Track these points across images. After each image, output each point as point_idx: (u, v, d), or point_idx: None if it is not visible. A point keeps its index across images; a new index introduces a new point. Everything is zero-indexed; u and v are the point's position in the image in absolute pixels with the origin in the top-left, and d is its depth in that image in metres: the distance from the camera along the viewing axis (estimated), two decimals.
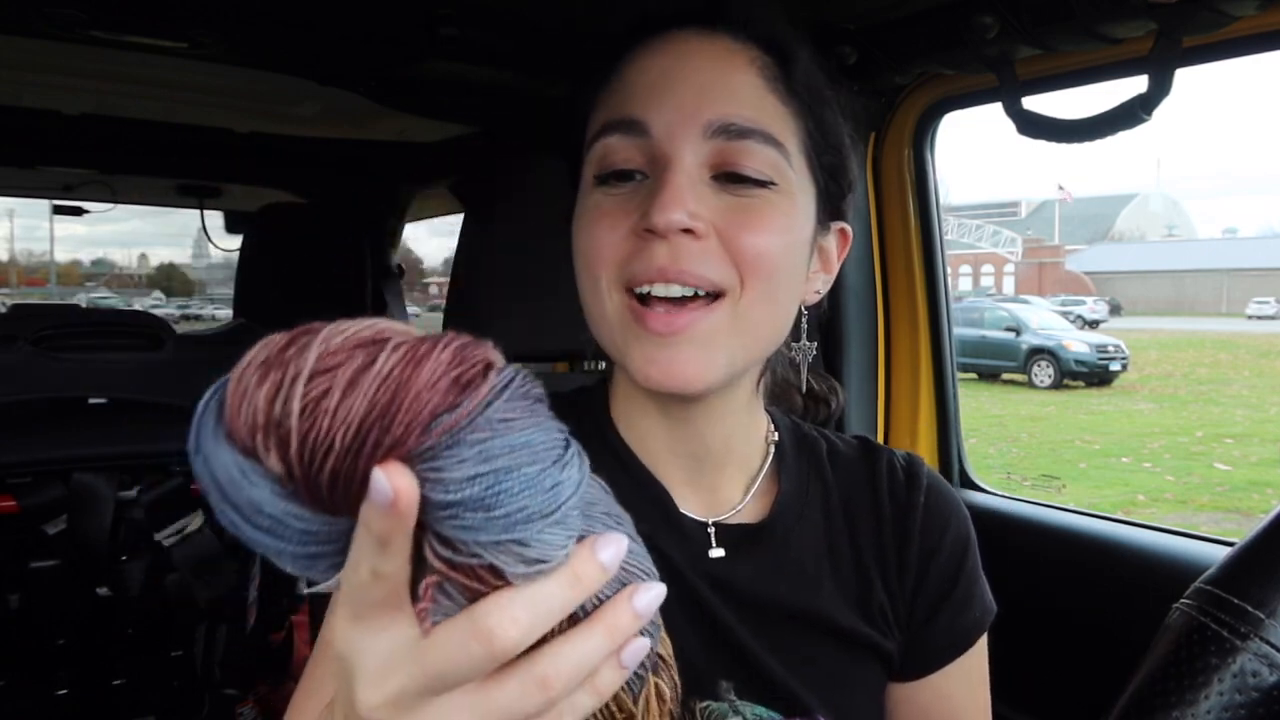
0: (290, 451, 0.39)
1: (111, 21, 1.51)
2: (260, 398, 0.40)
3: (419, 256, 49.31)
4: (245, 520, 0.41)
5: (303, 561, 0.43)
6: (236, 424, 0.40)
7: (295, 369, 0.40)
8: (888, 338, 1.71)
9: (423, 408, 0.40)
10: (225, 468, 0.40)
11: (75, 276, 63.76)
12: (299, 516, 0.41)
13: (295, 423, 0.39)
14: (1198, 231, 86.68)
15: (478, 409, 0.41)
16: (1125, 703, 0.57)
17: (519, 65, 1.76)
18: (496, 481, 0.40)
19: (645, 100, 0.75)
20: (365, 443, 0.39)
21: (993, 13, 1.19)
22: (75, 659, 1.92)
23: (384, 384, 0.39)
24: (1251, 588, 0.56)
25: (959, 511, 0.90)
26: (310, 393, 0.39)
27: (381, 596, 0.42)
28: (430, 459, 0.40)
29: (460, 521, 0.41)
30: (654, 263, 0.71)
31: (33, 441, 1.70)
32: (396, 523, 0.40)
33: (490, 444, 0.41)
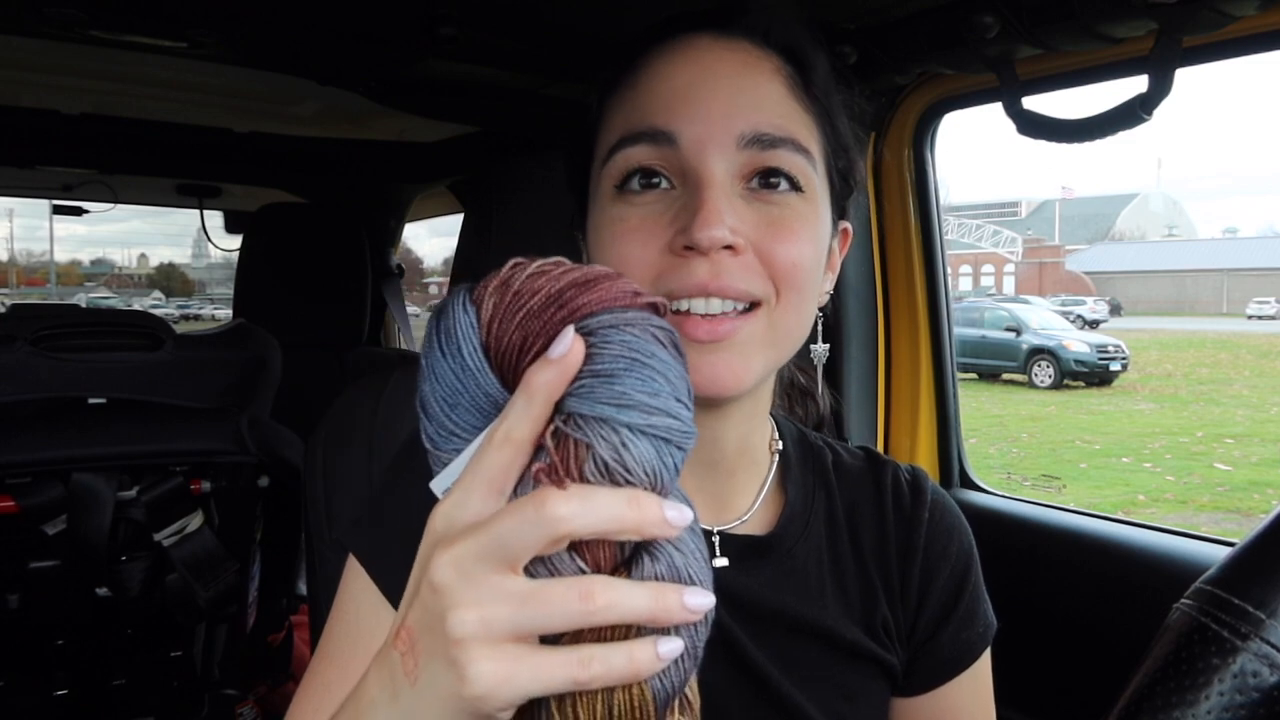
0: (506, 297, 0.53)
1: (111, 21, 1.51)
2: (517, 266, 0.55)
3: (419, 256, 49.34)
4: (443, 353, 0.53)
5: (448, 420, 0.54)
6: (481, 292, 0.54)
7: (558, 258, 0.55)
8: (888, 338, 1.71)
9: (611, 296, 0.52)
10: (458, 317, 0.53)
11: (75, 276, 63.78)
12: (480, 369, 0.52)
13: (520, 280, 0.53)
14: (1198, 231, 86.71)
15: (646, 315, 0.52)
16: (1125, 703, 0.57)
17: (519, 65, 1.76)
18: (631, 367, 0.50)
19: (672, 110, 0.73)
20: (562, 301, 0.51)
21: (993, 12, 1.19)
22: (75, 659, 1.92)
23: (589, 274, 0.53)
24: (1252, 588, 0.56)
25: (962, 526, 0.90)
26: (546, 268, 0.54)
27: (498, 466, 0.49)
28: (594, 332, 0.51)
29: (589, 391, 0.49)
30: (694, 280, 0.70)
31: (32, 441, 1.69)
32: (557, 376, 0.48)
33: (641, 344, 0.51)
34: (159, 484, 1.83)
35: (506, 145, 2.41)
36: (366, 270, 2.94)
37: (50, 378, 1.74)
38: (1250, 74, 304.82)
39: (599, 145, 0.79)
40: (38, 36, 1.61)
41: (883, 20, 1.37)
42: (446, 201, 3.34)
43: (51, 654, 1.89)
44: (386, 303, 3.31)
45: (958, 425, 1.70)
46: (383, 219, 3.32)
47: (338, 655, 0.78)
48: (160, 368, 1.83)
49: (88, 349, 1.77)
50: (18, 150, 2.71)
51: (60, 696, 1.90)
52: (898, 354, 1.70)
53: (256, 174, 3.11)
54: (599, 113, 0.80)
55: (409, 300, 3.60)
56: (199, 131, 2.55)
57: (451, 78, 1.87)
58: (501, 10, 1.47)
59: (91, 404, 1.79)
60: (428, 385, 0.54)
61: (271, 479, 1.92)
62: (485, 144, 2.49)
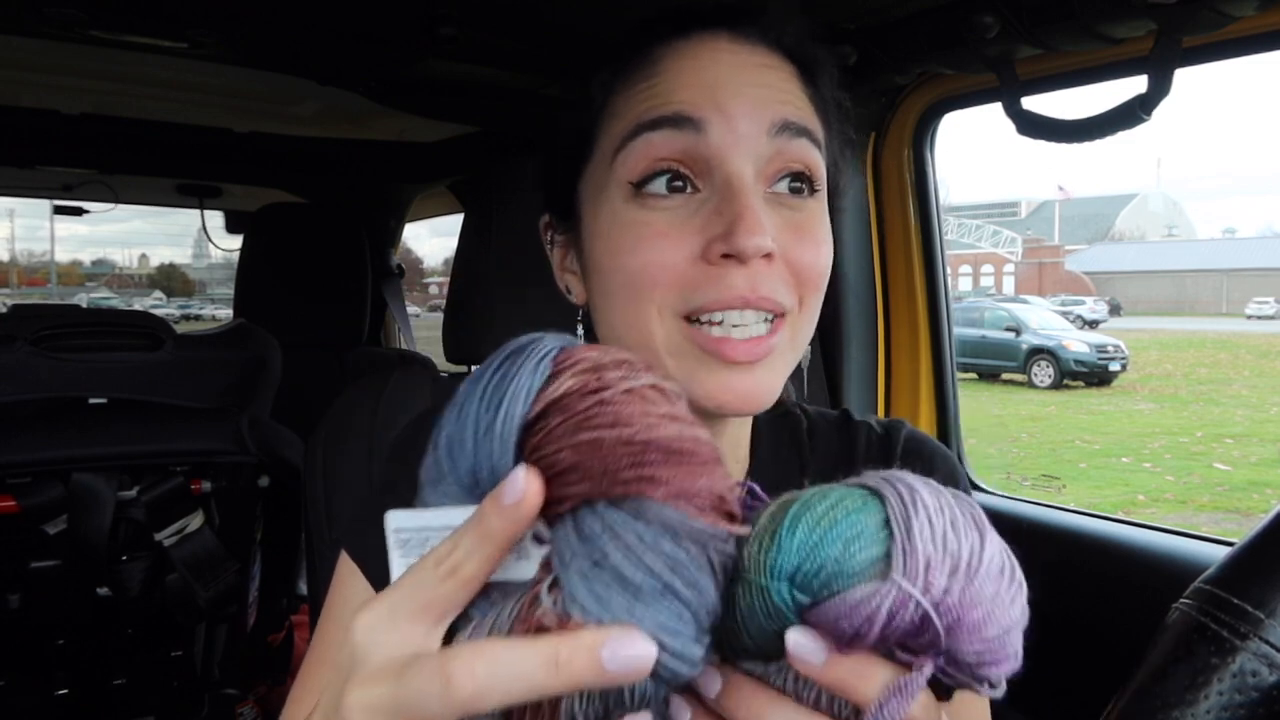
0: (574, 396, 0.44)
1: (111, 21, 1.51)
2: (618, 358, 0.47)
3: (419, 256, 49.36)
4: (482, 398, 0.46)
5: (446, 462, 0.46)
6: (579, 353, 0.47)
7: (657, 374, 0.47)
8: (888, 338, 1.71)
9: (693, 491, 0.43)
10: (539, 352, 0.47)
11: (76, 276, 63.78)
12: (503, 444, 0.45)
13: (614, 389, 0.45)
14: (1198, 231, 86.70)
15: (712, 534, 0.44)
16: (1124, 703, 0.57)
17: (519, 65, 1.76)
18: (664, 594, 0.42)
19: (697, 98, 0.70)
20: (641, 460, 0.43)
21: (993, 13, 1.19)
22: (75, 659, 1.91)
23: (688, 442, 0.44)
24: (1251, 587, 0.56)
25: (942, 467, 0.87)
26: (645, 392, 0.45)
27: (434, 595, 0.43)
28: (648, 520, 0.43)
29: (605, 591, 0.42)
30: (733, 291, 0.67)
31: (33, 441, 1.69)
32: (511, 526, 0.42)
33: (688, 570, 0.43)
34: (159, 484, 1.83)
35: (506, 145, 2.41)
36: (366, 270, 2.94)
37: (50, 378, 1.74)
38: (1250, 74, 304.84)
39: (604, 138, 0.75)
40: (38, 36, 1.61)
41: (883, 20, 1.37)
42: (446, 201, 3.34)
43: (52, 654, 1.89)
44: (386, 303, 3.31)
45: (958, 425, 1.70)
46: (383, 219, 3.32)
47: (330, 656, 0.77)
48: (160, 368, 1.83)
49: (88, 349, 1.77)
50: (18, 150, 2.71)
51: (60, 696, 1.90)
52: (898, 354, 1.71)
53: (257, 174, 3.11)
54: (603, 105, 0.76)
55: (409, 300, 3.60)
56: (199, 131, 2.55)
57: (451, 78, 1.87)
58: (501, 10, 1.47)
59: (92, 404, 1.79)
60: (451, 413, 0.47)
61: (272, 479, 1.92)
62: (485, 144, 2.49)
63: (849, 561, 0.43)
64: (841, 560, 0.43)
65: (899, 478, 0.47)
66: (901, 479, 0.46)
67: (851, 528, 0.44)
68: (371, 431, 1.18)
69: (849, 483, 0.48)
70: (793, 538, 0.44)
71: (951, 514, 0.45)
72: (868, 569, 0.43)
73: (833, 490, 0.47)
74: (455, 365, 1.32)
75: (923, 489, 0.45)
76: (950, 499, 0.46)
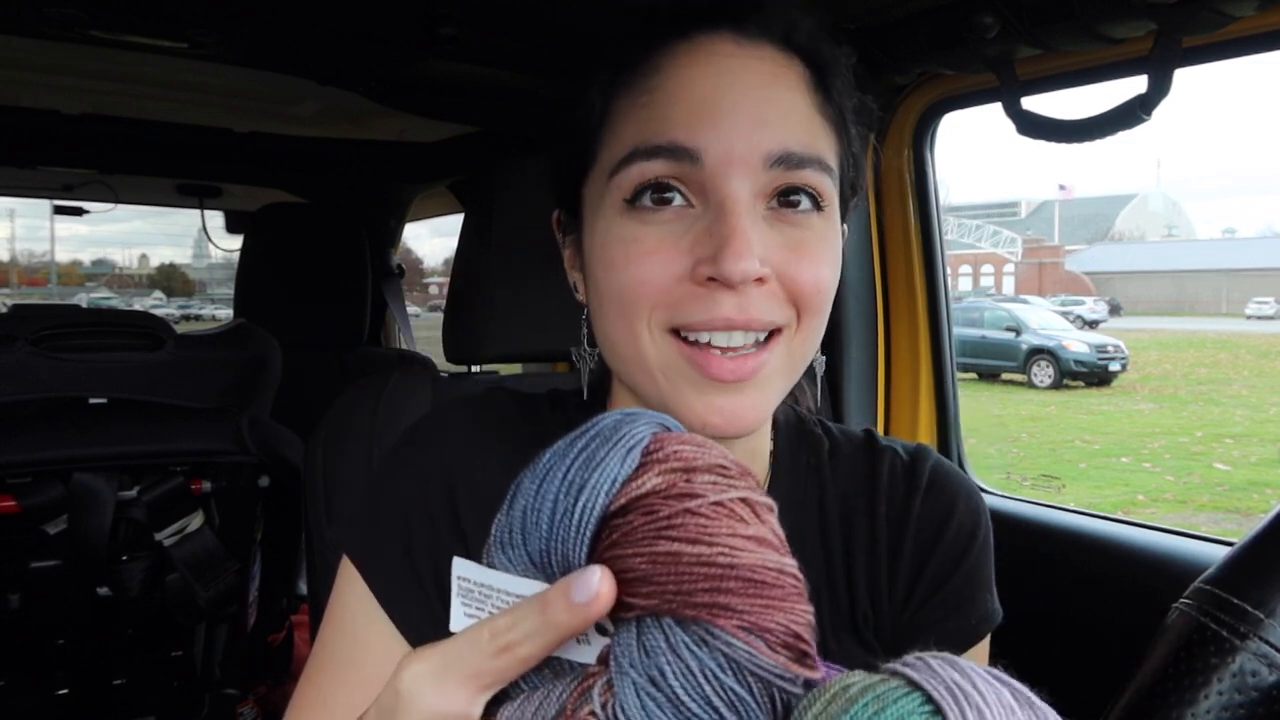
0: (659, 497, 0.43)
1: (111, 21, 1.51)
2: (707, 459, 0.44)
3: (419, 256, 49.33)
4: (561, 484, 0.44)
5: (517, 541, 0.45)
6: (670, 444, 0.45)
7: (748, 485, 0.45)
8: (888, 338, 1.71)
9: (766, 626, 0.41)
10: (627, 438, 0.45)
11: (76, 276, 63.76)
12: (578, 540, 0.43)
13: (703, 499, 0.42)
14: (1197, 231, 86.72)
15: (784, 677, 0.42)
16: (1125, 702, 0.57)
17: (519, 65, 1.76)
18: (712, 697, 0.41)
19: (693, 124, 0.68)
20: (718, 585, 0.41)
21: (993, 13, 1.19)
22: (75, 659, 1.91)
23: (780, 571, 0.43)
24: (1251, 588, 0.56)
25: (965, 505, 0.84)
26: (734, 507, 0.43)
27: (484, 665, 0.44)
28: (712, 647, 0.41)
29: (649, 699, 0.41)
30: (719, 313, 0.66)
31: (33, 441, 1.69)
32: (580, 622, 0.42)
33: (745, 705, 0.42)
34: (159, 484, 1.83)
35: (506, 145, 2.41)
36: (366, 270, 2.94)
37: (51, 378, 1.74)
38: (1250, 74, 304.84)
39: (604, 151, 0.73)
40: (38, 36, 1.61)
41: (883, 20, 1.37)
42: (446, 201, 3.34)
43: (52, 654, 1.89)
44: (387, 303, 3.32)
45: (957, 425, 1.70)
46: (383, 219, 3.32)
47: (332, 665, 0.77)
48: (160, 368, 1.83)
49: (88, 349, 1.77)
50: (18, 150, 2.71)
51: (61, 696, 1.90)
52: (898, 354, 1.71)
53: (257, 174, 3.11)
54: (603, 113, 0.74)
55: (409, 300, 3.60)
56: (199, 131, 2.55)
57: (451, 78, 1.87)
58: (501, 10, 1.47)
59: (92, 404, 1.79)
60: (531, 484, 0.46)
61: (272, 479, 1.92)
62: (485, 144, 2.49)
63: None
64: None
65: (968, 689, 0.41)
66: (970, 690, 0.41)
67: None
68: (371, 431, 1.18)
69: (903, 671, 0.43)
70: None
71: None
72: None
73: (889, 705, 0.41)
74: (455, 365, 1.32)
75: (990, 708, 0.40)
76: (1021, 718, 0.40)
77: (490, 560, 0.47)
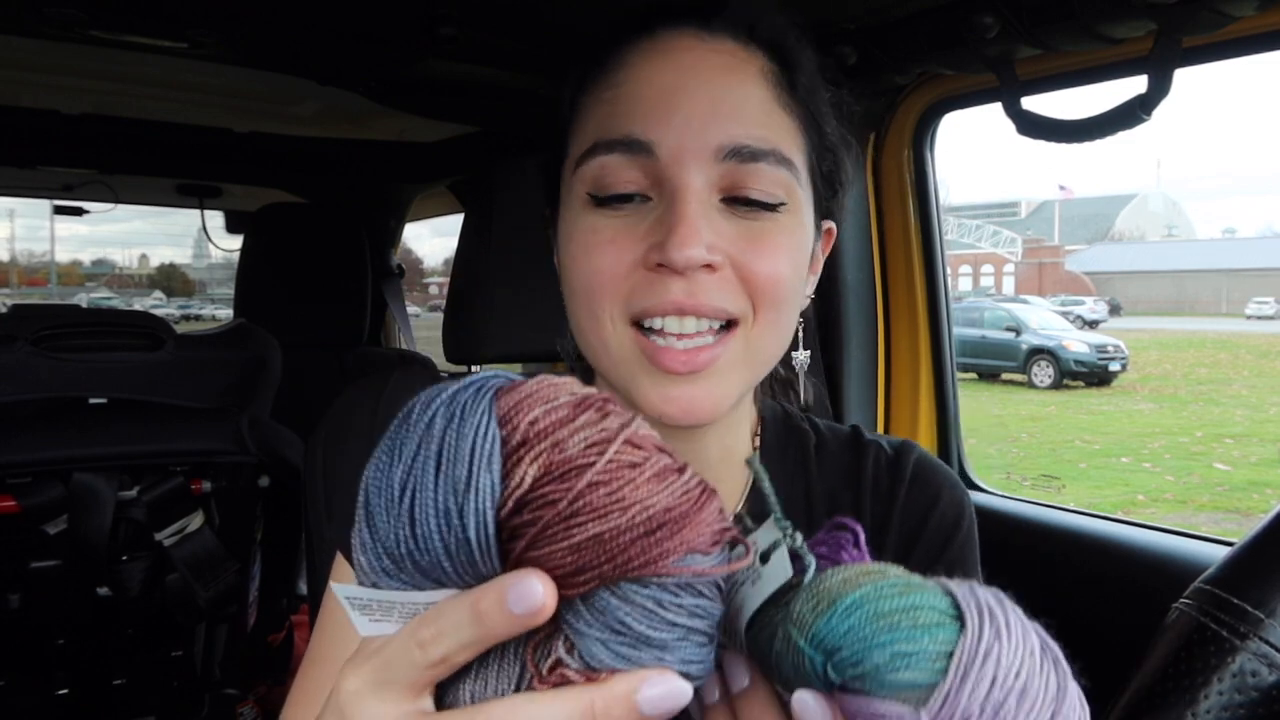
0: (547, 482, 0.40)
1: (111, 21, 1.51)
2: (563, 416, 0.41)
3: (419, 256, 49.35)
4: (426, 471, 0.41)
5: (406, 565, 0.42)
6: (517, 418, 0.41)
7: (617, 422, 0.42)
8: (888, 338, 1.71)
9: (697, 537, 0.41)
10: (471, 433, 0.41)
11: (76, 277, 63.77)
12: (485, 551, 0.41)
13: (593, 466, 0.40)
14: (1197, 231, 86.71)
15: (720, 570, 0.43)
16: (1125, 702, 0.57)
17: (519, 65, 1.76)
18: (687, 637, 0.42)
19: (649, 118, 0.69)
20: (655, 532, 0.40)
21: (993, 13, 1.19)
22: (75, 659, 1.91)
23: (687, 494, 0.42)
24: (1251, 588, 0.56)
25: (949, 497, 0.85)
26: (620, 456, 0.41)
27: (421, 676, 0.43)
28: (666, 588, 0.41)
29: (621, 644, 0.41)
30: (668, 298, 0.68)
31: (33, 441, 1.69)
32: (517, 629, 0.41)
33: (703, 607, 0.43)
34: (159, 484, 1.83)
35: (506, 145, 2.41)
36: (366, 270, 2.94)
37: (51, 378, 1.74)
38: (1250, 74, 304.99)
39: (572, 144, 0.75)
40: (38, 36, 1.61)
41: (883, 20, 1.37)
42: (446, 201, 3.34)
43: (52, 654, 1.89)
44: (386, 303, 3.31)
45: (957, 425, 1.70)
46: (383, 219, 3.32)
47: (325, 659, 0.77)
48: (160, 368, 1.83)
49: (88, 349, 1.77)
50: (18, 150, 2.71)
51: (61, 696, 1.90)
52: (898, 354, 1.70)
53: (257, 174, 3.11)
54: (572, 110, 0.76)
55: (409, 300, 3.60)
56: (199, 131, 2.55)
57: (451, 78, 1.87)
58: (501, 10, 1.47)
59: (92, 404, 1.79)
60: (388, 509, 0.42)
61: (272, 479, 1.92)
62: (485, 144, 2.49)
63: (889, 673, 0.41)
64: (882, 669, 0.41)
65: (1000, 613, 0.42)
66: (1001, 616, 0.42)
67: (910, 642, 0.41)
68: (371, 431, 1.17)
69: (944, 583, 0.44)
70: (847, 619, 0.42)
71: (1027, 680, 0.41)
72: (905, 689, 0.40)
73: (916, 591, 0.43)
74: (455, 365, 1.32)
75: (1013, 640, 0.41)
76: (1038, 663, 0.42)
77: (373, 582, 0.44)
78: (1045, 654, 0.42)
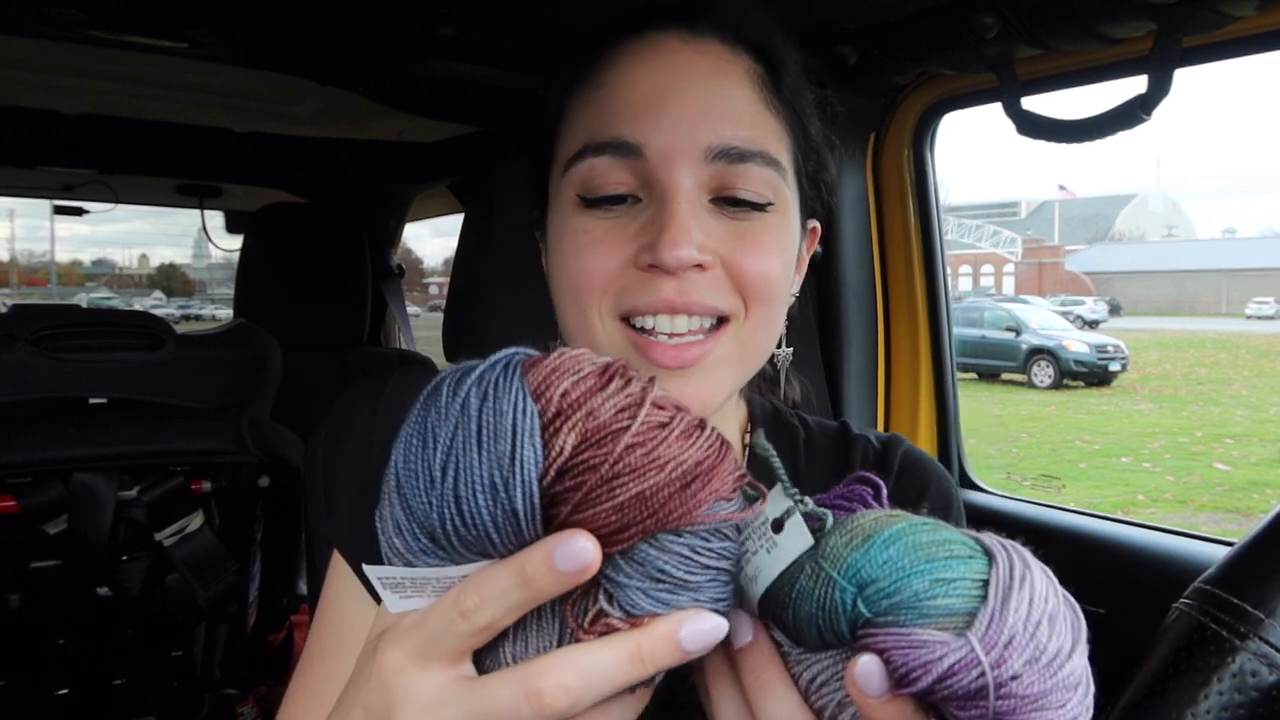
0: (586, 449, 0.43)
1: (111, 21, 1.51)
2: (592, 385, 0.44)
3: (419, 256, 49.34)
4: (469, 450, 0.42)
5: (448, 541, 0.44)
6: (549, 391, 0.43)
7: (639, 386, 0.45)
8: (888, 338, 1.71)
9: (723, 485, 0.44)
10: (510, 410, 0.43)
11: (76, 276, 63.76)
12: (530, 518, 0.42)
13: (628, 430, 0.43)
14: (1197, 231, 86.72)
15: (746, 514, 0.46)
16: (1126, 702, 0.57)
17: (519, 65, 1.76)
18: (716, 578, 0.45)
19: (637, 119, 0.70)
20: (690, 485, 0.43)
21: (993, 13, 1.19)
22: (75, 659, 1.91)
23: (711, 447, 0.45)
24: (1251, 588, 0.56)
25: (936, 489, 0.86)
26: (650, 418, 0.44)
27: (465, 644, 0.44)
28: (698, 534, 0.44)
29: (658, 591, 0.44)
30: (659, 296, 0.68)
31: (33, 441, 1.69)
32: (563, 586, 0.43)
33: (727, 549, 0.46)
34: (159, 484, 1.83)
35: (506, 145, 2.41)
36: (366, 270, 2.94)
37: (51, 378, 1.74)
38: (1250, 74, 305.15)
39: (560, 148, 0.75)
40: (38, 36, 1.60)
41: (883, 20, 1.37)
42: (446, 201, 3.34)
43: (52, 653, 1.89)
44: (387, 303, 3.31)
45: (957, 425, 1.70)
46: (383, 219, 3.32)
47: (325, 656, 0.78)
48: (160, 368, 1.83)
49: (88, 349, 1.78)
50: (18, 150, 2.71)
51: (61, 696, 1.90)
52: (898, 354, 1.70)
53: (257, 174, 3.11)
54: (559, 112, 0.77)
55: (409, 300, 3.60)
56: (199, 131, 2.55)
57: (451, 78, 1.87)
58: (501, 10, 1.47)
59: (92, 404, 1.79)
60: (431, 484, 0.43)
61: (272, 479, 1.92)
62: (485, 144, 2.49)
63: (929, 600, 0.42)
64: (922, 595, 0.42)
65: (1020, 551, 0.45)
66: (1022, 553, 0.45)
67: (949, 570, 0.42)
68: (371, 431, 1.18)
69: (968, 532, 0.46)
70: (884, 550, 0.43)
71: (1055, 608, 0.43)
72: (945, 617, 0.41)
73: (947, 529, 0.45)
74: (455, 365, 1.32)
75: (1038, 572, 0.44)
76: (1061, 597, 0.44)
77: (407, 560, 0.46)
78: (1063, 593, 0.45)
